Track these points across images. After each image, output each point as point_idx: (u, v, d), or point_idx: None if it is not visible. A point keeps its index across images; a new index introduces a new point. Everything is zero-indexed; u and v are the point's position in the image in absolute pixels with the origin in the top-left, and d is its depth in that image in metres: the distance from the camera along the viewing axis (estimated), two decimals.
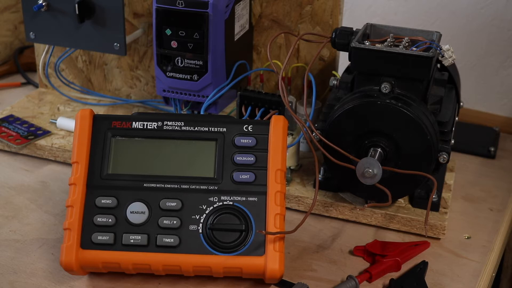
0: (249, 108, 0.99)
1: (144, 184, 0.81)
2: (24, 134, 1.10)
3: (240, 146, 0.82)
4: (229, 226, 0.79)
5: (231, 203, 0.80)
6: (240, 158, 0.82)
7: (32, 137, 1.09)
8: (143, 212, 0.80)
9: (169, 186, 0.81)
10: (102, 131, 0.84)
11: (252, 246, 0.79)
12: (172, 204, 0.80)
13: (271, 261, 0.78)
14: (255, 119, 0.98)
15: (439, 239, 0.92)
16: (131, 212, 0.80)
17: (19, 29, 1.39)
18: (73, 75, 1.24)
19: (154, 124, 0.83)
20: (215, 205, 0.80)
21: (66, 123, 1.12)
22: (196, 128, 0.83)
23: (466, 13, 1.26)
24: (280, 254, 0.79)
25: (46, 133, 1.11)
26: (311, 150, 0.90)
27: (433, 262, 0.88)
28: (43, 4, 1.06)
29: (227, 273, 0.80)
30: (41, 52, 1.20)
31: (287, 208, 0.97)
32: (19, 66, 1.35)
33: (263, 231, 0.78)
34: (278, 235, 0.79)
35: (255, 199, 0.80)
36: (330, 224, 0.95)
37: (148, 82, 1.20)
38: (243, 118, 0.98)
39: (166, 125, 0.83)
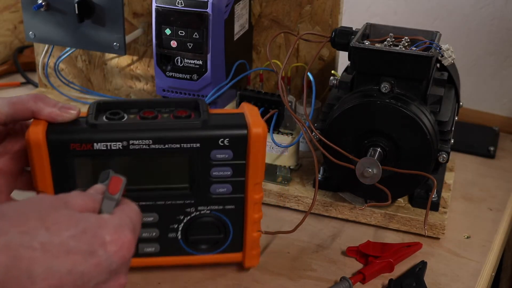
0: None
1: None
2: None
3: (217, 159, 0.77)
4: (208, 233, 0.80)
5: (208, 211, 0.79)
6: (216, 173, 0.77)
7: None
8: None
9: (143, 203, 0.77)
10: (61, 156, 0.73)
11: (230, 246, 0.81)
12: (149, 219, 0.78)
13: (249, 258, 0.83)
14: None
15: (438, 238, 0.92)
16: None
17: (19, 29, 1.39)
18: (72, 75, 1.24)
19: (119, 144, 0.72)
20: (192, 215, 0.79)
21: None
22: (166, 146, 0.74)
23: (466, 13, 1.26)
24: (257, 250, 0.83)
25: None
26: (310, 150, 0.90)
27: (432, 262, 0.88)
28: (43, 3, 1.06)
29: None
30: (41, 52, 1.20)
31: (287, 208, 0.97)
32: (18, 66, 1.35)
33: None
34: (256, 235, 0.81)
35: (233, 206, 0.79)
36: (329, 224, 0.95)
37: (147, 82, 1.20)
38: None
39: (133, 144, 0.73)
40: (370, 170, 0.84)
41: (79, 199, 0.60)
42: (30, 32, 1.10)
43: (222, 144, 0.75)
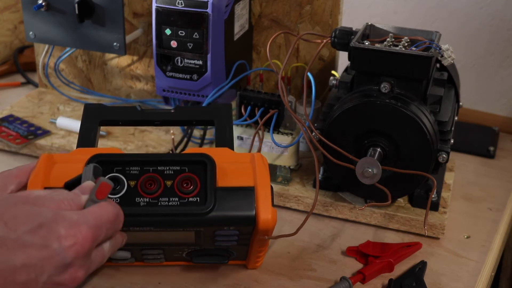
0: (249, 108, 0.99)
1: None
2: (24, 134, 1.10)
3: (221, 235, 0.73)
4: (211, 259, 0.79)
5: (212, 248, 0.78)
6: (221, 238, 0.75)
7: (32, 136, 1.09)
8: (126, 257, 0.79)
9: (148, 247, 0.77)
10: None
11: (236, 258, 0.81)
12: (154, 252, 0.79)
13: (253, 264, 0.83)
14: (258, 119, 0.98)
15: (438, 238, 0.92)
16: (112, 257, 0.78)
17: (19, 29, 1.39)
18: (73, 75, 1.24)
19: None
20: (197, 248, 0.78)
21: (66, 122, 1.12)
22: (168, 229, 0.71)
23: (466, 13, 1.26)
24: (261, 260, 0.83)
25: (46, 132, 1.11)
26: (310, 150, 0.90)
27: (432, 262, 0.88)
28: (43, 4, 1.06)
29: None
30: (41, 52, 1.20)
31: (287, 208, 0.97)
32: (19, 66, 1.35)
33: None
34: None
35: (237, 247, 0.78)
36: (329, 224, 0.95)
37: (148, 82, 1.20)
38: (243, 118, 0.99)
39: (133, 229, 0.70)
40: (370, 170, 0.84)
41: (55, 198, 0.62)
42: (31, 32, 1.10)
43: (227, 228, 0.71)
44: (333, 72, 1.05)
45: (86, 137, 0.78)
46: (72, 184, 0.67)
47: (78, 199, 0.63)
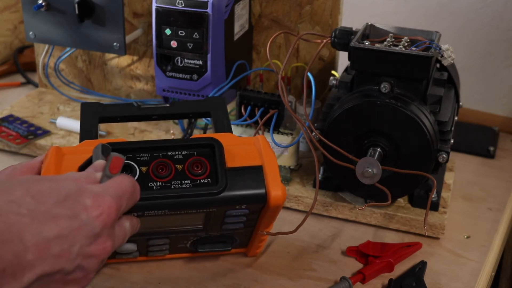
0: (249, 108, 0.99)
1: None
2: (24, 134, 1.10)
3: (232, 215, 0.75)
4: (215, 246, 0.81)
5: (218, 234, 0.79)
6: (230, 220, 0.76)
7: (32, 136, 1.09)
8: (132, 250, 0.79)
9: (155, 235, 0.78)
10: None
11: (238, 245, 0.83)
12: (160, 242, 0.79)
13: (253, 251, 0.85)
14: (258, 119, 0.98)
15: (438, 238, 0.92)
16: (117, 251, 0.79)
17: (19, 29, 1.40)
18: (73, 75, 1.24)
19: (134, 214, 0.70)
20: (202, 236, 0.79)
21: (66, 122, 1.12)
22: (182, 212, 0.72)
23: (466, 13, 1.26)
24: (261, 247, 0.85)
25: (46, 132, 1.11)
26: (310, 150, 0.90)
27: (432, 262, 0.88)
28: (43, 4, 1.06)
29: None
30: (41, 52, 1.20)
31: (287, 208, 0.97)
32: (19, 66, 1.35)
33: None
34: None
35: (242, 231, 0.80)
36: (329, 224, 0.95)
37: (148, 82, 1.20)
38: (243, 118, 0.99)
39: (148, 213, 0.71)
40: (370, 170, 0.84)
41: (70, 177, 0.63)
42: (31, 32, 1.10)
43: (239, 208, 0.73)
44: (333, 72, 1.05)
45: (88, 133, 0.78)
46: (84, 167, 0.69)
47: (93, 176, 0.64)
